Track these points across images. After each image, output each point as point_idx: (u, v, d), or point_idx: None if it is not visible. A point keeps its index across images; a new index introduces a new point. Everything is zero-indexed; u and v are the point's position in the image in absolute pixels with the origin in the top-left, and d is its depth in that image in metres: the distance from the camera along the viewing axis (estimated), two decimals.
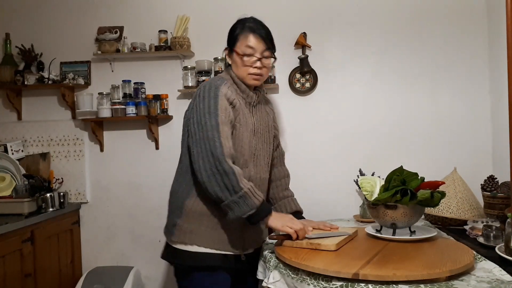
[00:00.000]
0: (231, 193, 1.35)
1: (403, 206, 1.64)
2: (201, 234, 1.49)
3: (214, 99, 1.44)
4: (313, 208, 2.56)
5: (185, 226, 1.50)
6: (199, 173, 1.39)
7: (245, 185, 1.36)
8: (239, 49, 1.56)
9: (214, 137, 1.38)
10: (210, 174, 1.36)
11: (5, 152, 2.60)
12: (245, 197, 1.35)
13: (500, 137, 2.40)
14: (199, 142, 1.40)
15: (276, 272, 1.50)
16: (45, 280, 2.32)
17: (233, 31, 1.62)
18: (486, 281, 1.25)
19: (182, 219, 1.51)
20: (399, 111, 2.55)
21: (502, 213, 1.89)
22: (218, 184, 1.35)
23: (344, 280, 1.26)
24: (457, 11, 2.50)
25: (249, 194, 1.36)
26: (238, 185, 1.34)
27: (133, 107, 2.62)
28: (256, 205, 1.37)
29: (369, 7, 2.57)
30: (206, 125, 1.40)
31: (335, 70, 2.59)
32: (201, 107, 1.44)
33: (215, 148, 1.36)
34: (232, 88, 1.56)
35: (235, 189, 1.34)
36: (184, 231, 1.50)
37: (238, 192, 1.34)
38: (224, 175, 1.34)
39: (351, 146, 2.57)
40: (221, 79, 1.53)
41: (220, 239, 1.52)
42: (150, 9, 2.70)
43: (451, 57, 2.51)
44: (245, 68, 1.57)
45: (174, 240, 1.53)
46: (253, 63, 1.55)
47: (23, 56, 2.70)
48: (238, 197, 1.34)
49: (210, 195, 1.40)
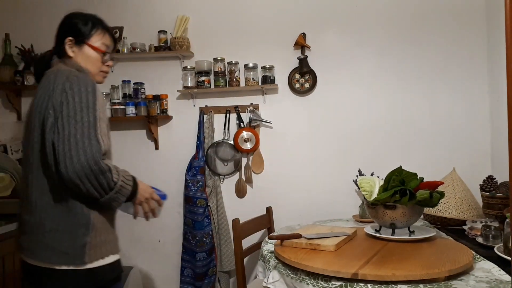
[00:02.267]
0: (107, 190, 1.28)
1: (402, 206, 1.65)
2: (111, 241, 1.42)
3: (92, 93, 1.31)
4: (313, 208, 2.58)
5: (97, 240, 1.35)
6: (65, 173, 1.22)
7: (117, 178, 1.30)
8: (96, 44, 1.49)
9: (90, 135, 1.25)
10: (83, 175, 1.22)
11: (4, 152, 2.60)
12: (120, 190, 1.31)
13: (499, 137, 2.40)
14: (69, 138, 1.23)
15: (275, 272, 1.50)
16: None
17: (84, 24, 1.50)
18: (485, 281, 1.25)
19: (92, 235, 1.34)
20: (398, 111, 2.56)
21: (501, 213, 1.90)
22: (92, 185, 1.25)
23: (343, 280, 1.27)
24: (456, 11, 2.51)
25: (123, 186, 1.32)
26: (112, 181, 1.27)
27: (132, 107, 2.62)
28: (130, 191, 1.35)
29: (369, 8, 2.57)
30: (83, 121, 1.25)
31: (335, 71, 2.59)
32: (77, 100, 1.28)
33: (90, 147, 1.23)
34: None
35: (110, 185, 1.27)
36: (97, 245, 1.35)
37: (113, 188, 1.29)
38: (99, 175, 1.24)
39: (350, 146, 2.58)
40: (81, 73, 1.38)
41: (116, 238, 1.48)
42: (150, 10, 2.70)
43: (450, 57, 2.52)
44: (99, 65, 1.50)
45: (87, 261, 1.32)
46: (107, 61, 1.53)
47: (23, 56, 2.70)
48: (114, 192, 1.29)
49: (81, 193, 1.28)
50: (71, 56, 1.46)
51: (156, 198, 1.49)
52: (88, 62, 1.48)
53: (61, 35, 1.50)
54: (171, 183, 2.64)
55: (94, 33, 1.49)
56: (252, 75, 2.57)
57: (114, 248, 1.42)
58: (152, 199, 1.47)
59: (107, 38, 1.52)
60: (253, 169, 2.63)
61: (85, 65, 1.47)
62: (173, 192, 2.65)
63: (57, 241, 1.33)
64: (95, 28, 1.50)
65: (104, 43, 1.50)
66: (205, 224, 2.55)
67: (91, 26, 1.50)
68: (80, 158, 1.22)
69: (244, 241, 2.06)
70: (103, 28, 1.52)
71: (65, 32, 1.49)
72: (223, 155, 2.62)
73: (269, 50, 2.62)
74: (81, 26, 1.49)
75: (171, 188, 2.63)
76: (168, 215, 2.65)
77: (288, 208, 2.59)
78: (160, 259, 2.69)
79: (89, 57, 1.48)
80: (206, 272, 2.53)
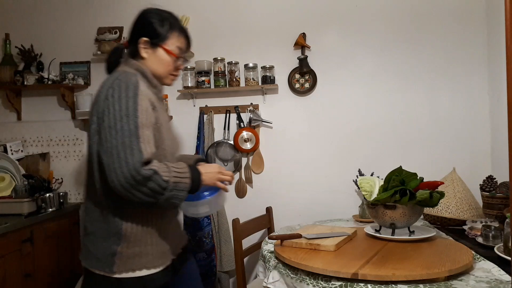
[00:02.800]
0: (161, 192, 1.22)
1: (402, 206, 1.65)
2: (147, 254, 1.33)
3: (133, 99, 1.24)
4: (313, 208, 2.58)
5: (129, 252, 1.31)
6: (114, 187, 1.20)
7: (168, 176, 1.22)
8: (170, 47, 1.42)
9: (132, 144, 1.19)
10: (129, 187, 1.18)
11: (4, 152, 2.60)
12: (175, 187, 1.24)
13: (499, 137, 2.40)
14: (111, 150, 1.19)
15: (275, 272, 1.50)
16: (45, 280, 2.32)
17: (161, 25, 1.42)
18: (485, 281, 1.26)
19: (123, 246, 1.30)
20: (398, 111, 2.56)
21: (501, 213, 1.90)
22: (144, 193, 1.20)
23: (343, 280, 1.27)
24: (456, 11, 2.51)
25: (177, 181, 1.24)
26: (163, 181, 1.21)
27: None
28: (189, 183, 1.28)
29: (369, 8, 2.57)
30: (123, 130, 1.20)
31: (335, 71, 2.59)
32: (117, 108, 1.22)
33: (132, 157, 1.17)
34: (144, 84, 1.36)
35: (162, 186, 1.21)
36: (129, 257, 1.31)
37: (167, 188, 1.22)
38: (145, 182, 1.19)
39: (350, 146, 2.58)
40: (133, 75, 1.31)
41: (163, 252, 1.38)
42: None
43: (450, 57, 2.52)
44: (171, 69, 1.44)
45: (116, 270, 1.30)
46: (179, 65, 1.48)
47: (23, 56, 2.70)
48: (169, 191, 1.23)
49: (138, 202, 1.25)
50: (145, 57, 1.41)
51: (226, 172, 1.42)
52: (160, 65, 1.42)
53: (136, 32, 1.43)
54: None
55: (170, 35, 1.42)
56: (252, 75, 2.57)
57: (150, 262, 1.33)
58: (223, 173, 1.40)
59: (182, 41, 1.45)
60: (253, 169, 2.63)
61: (156, 67, 1.42)
62: None
63: (93, 245, 1.34)
64: (172, 30, 1.42)
65: (178, 47, 1.43)
66: (205, 224, 2.55)
67: (168, 27, 1.41)
68: (123, 170, 1.17)
69: (244, 241, 2.06)
70: (179, 30, 1.45)
71: (140, 30, 1.42)
72: (223, 155, 2.63)
73: (269, 50, 2.62)
74: (157, 27, 1.41)
75: None
76: None
77: (288, 208, 2.59)
78: None
79: (162, 61, 1.42)
80: (206, 272, 2.53)
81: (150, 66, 1.41)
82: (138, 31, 1.42)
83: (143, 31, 1.41)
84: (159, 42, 1.40)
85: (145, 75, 1.39)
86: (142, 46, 1.39)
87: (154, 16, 1.43)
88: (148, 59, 1.41)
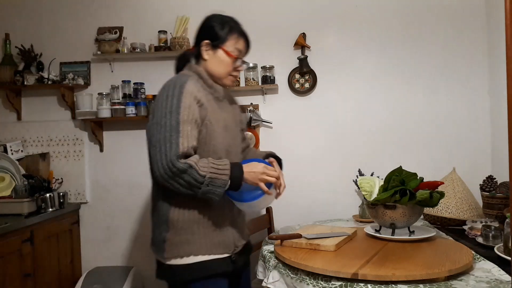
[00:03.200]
0: (198, 186, 1.28)
1: (402, 206, 1.65)
2: (195, 242, 1.40)
3: (177, 97, 1.35)
4: (313, 208, 2.58)
5: (176, 239, 1.40)
6: (157, 178, 1.32)
7: (205, 171, 1.28)
8: (229, 48, 1.51)
9: (172, 138, 1.29)
10: (167, 178, 1.28)
11: (4, 152, 2.60)
12: (212, 182, 1.29)
13: (499, 137, 2.40)
14: (155, 144, 1.31)
15: (275, 272, 1.50)
16: (45, 280, 2.32)
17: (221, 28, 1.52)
18: (485, 281, 1.26)
19: (171, 233, 1.41)
20: (398, 111, 2.56)
21: (501, 213, 1.90)
22: (181, 185, 1.29)
23: (343, 280, 1.27)
24: (456, 11, 2.51)
25: (214, 177, 1.29)
26: (199, 175, 1.27)
27: (132, 107, 2.62)
28: (226, 180, 1.32)
29: (369, 8, 2.57)
30: (165, 125, 1.31)
31: (335, 71, 2.59)
32: (163, 106, 1.34)
33: (170, 150, 1.28)
34: (198, 84, 1.46)
35: (198, 180, 1.27)
36: (176, 244, 1.40)
37: (203, 182, 1.28)
38: (180, 174, 1.27)
39: (350, 146, 2.58)
40: (185, 76, 1.43)
41: (214, 242, 1.43)
42: (150, 10, 2.70)
43: (450, 57, 2.52)
44: (230, 69, 1.52)
45: (167, 257, 1.41)
46: (238, 66, 1.55)
47: (23, 56, 2.70)
48: (205, 185, 1.29)
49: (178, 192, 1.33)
50: (206, 58, 1.51)
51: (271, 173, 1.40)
52: (220, 66, 1.52)
53: (199, 36, 1.55)
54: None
55: (230, 37, 1.51)
56: (252, 75, 2.57)
57: (197, 250, 1.41)
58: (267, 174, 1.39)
59: (241, 43, 1.54)
60: None
61: (217, 68, 1.52)
62: None
63: (153, 232, 1.49)
64: (231, 32, 1.52)
65: (237, 48, 1.52)
66: None
67: (227, 30, 1.52)
68: (162, 162, 1.28)
69: None
70: (239, 33, 1.54)
71: (203, 34, 1.54)
72: None
73: (269, 50, 2.62)
74: (218, 30, 1.52)
75: None
76: None
77: (288, 208, 2.59)
78: None
79: (221, 61, 1.51)
80: None
81: (210, 67, 1.51)
82: (201, 35, 1.55)
83: (205, 34, 1.53)
84: (219, 44, 1.50)
85: (201, 76, 1.50)
86: (204, 48, 1.51)
87: (216, 20, 1.55)
88: (209, 61, 1.51)
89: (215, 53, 1.51)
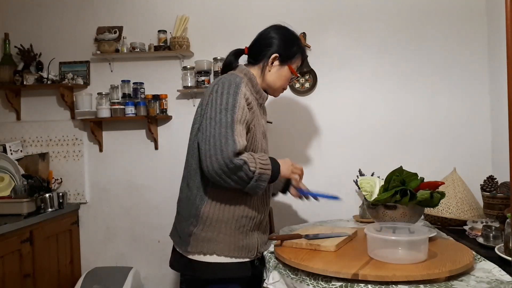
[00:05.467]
0: (248, 181, 1.35)
1: (402, 206, 1.64)
2: (219, 242, 1.43)
3: (233, 96, 1.38)
4: (313, 208, 2.57)
5: (202, 235, 1.43)
6: (207, 172, 1.34)
7: (255, 167, 1.36)
8: (293, 66, 1.60)
9: (227, 135, 1.32)
10: (221, 173, 1.32)
11: (4, 152, 2.60)
12: (260, 177, 1.37)
13: (499, 137, 2.40)
14: (209, 138, 1.34)
15: (275, 273, 1.49)
16: (44, 280, 2.31)
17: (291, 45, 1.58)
18: (485, 281, 1.25)
19: (199, 228, 1.43)
20: (399, 111, 2.55)
21: (501, 213, 1.89)
22: (232, 179, 1.34)
23: (344, 281, 1.26)
24: (456, 11, 2.51)
25: (261, 172, 1.37)
26: (250, 171, 1.34)
27: (132, 107, 2.61)
28: (269, 175, 1.41)
29: (369, 8, 2.56)
30: (221, 122, 1.34)
31: (335, 70, 2.59)
32: (218, 102, 1.37)
33: (226, 146, 1.31)
34: (247, 87, 1.50)
35: (249, 176, 1.34)
36: (201, 241, 1.43)
37: (253, 177, 1.36)
38: (236, 170, 1.32)
39: (350, 146, 2.57)
40: (239, 77, 1.45)
41: (238, 246, 1.46)
42: (150, 9, 2.70)
43: (451, 57, 2.51)
44: (286, 84, 1.62)
45: (190, 251, 1.44)
46: (291, 82, 1.67)
47: (22, 56, 2.70)
48: (254, 180, 1.36)
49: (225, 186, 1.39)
50: (269, 70, 1.56)
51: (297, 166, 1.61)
52: (280, 80, 1.59)
53: (265, 44, 1.58)
54: (171, 183, 2.64)
55: (297, 56, 1.60)
56: None
57: (220, 250, 1.43)
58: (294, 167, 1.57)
59: (299, 61, 1.63)
60: None
61: (277, 81, 1.58)
62: (173, 193, 2.64)
63: (179, 224, 1.51)
64: (298, 52, 1.60)
65: (297, 66, 1.62)
66: None
67: (296, 49, 1.59)
68: (218, 157, 1.31)
69: None
70: (302, 52, 1.62)
71: (271, 44, 1.57)
72: None
73: None
74: (289, 46, 1.58)
75: (171, 188, 2.62)
76: (168, 215, 2.64)
77: (288, 208, 2.58)
78: (160, 259, 2.68)
79: (284, 76, 1.59)
80: None
81: (270, 78, 1.57)
82: (268, 43, 1.57)
83: (275, 46, 1.56)
84: (287, 60, 1.58)
85: (251, 80, 1.54)
86: (271, 60, 1.56)
87: (287, 35, 1.59)
88: (271, 72, 1.57)
89: (280, 68, 1.57)
